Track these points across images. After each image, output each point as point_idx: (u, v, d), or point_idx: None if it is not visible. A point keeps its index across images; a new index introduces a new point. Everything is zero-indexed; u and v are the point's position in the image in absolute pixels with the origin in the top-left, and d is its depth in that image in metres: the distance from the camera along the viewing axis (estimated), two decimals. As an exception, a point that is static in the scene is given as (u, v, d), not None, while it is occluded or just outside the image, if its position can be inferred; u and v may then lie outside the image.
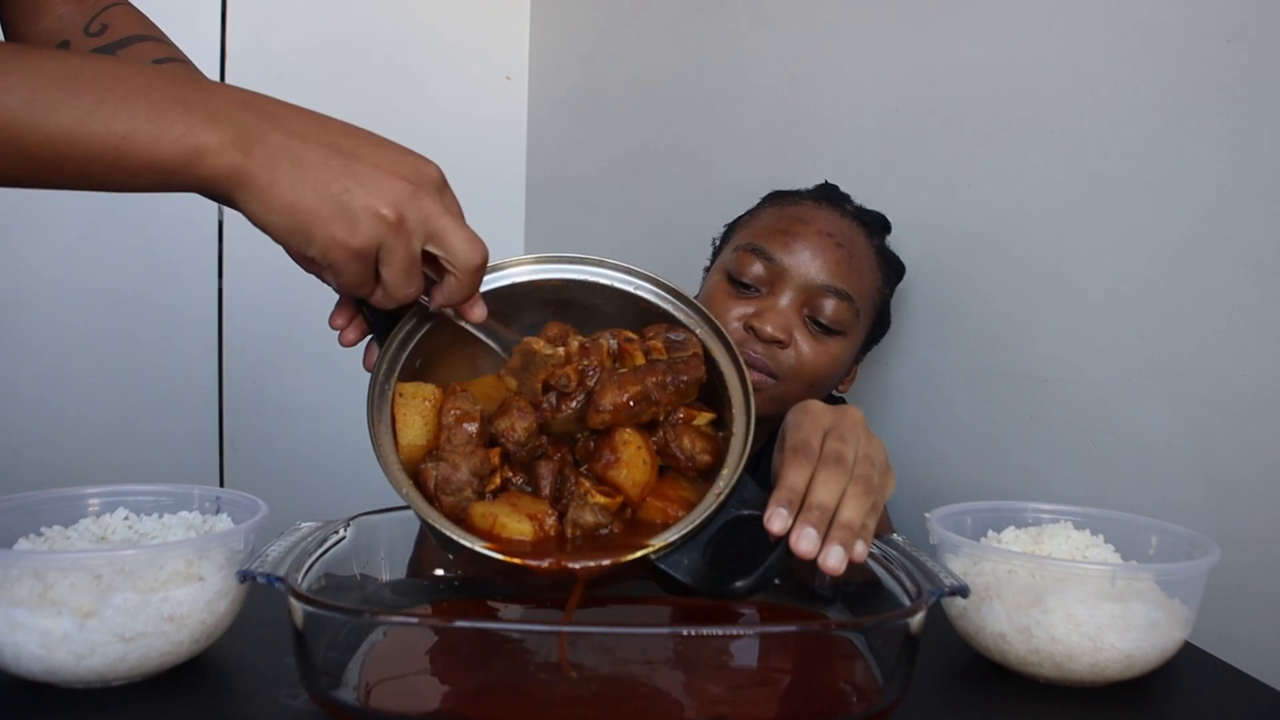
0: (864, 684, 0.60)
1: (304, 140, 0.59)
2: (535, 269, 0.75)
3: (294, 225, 0.58)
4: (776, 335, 0.98)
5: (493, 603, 0.80)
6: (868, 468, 0.68)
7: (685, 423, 0.71)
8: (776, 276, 1.01)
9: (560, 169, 1.82)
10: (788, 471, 0.67)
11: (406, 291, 0.62)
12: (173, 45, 0.85)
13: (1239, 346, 0.86)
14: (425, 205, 0.60)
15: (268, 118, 0.59)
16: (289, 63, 1.69)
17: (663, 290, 0.74)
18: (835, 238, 1.02)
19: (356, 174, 0.59)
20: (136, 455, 1.66)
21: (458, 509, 0.65)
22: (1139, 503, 0.92)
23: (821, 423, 0.70)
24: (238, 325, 1.69)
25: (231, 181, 0.57)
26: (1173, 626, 0.69)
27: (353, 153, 0.60)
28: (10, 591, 0.62)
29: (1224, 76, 0.86)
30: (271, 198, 0.57)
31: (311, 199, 0.58)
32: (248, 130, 0.57)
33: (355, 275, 0.60)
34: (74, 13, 0.83)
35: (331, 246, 0.58)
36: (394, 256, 0.60)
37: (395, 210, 0.59)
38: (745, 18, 1.42)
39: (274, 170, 0.57)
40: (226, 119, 0.57)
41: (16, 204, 1.55)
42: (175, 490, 0.77)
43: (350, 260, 0.59)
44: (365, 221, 0.58)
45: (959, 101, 1.11)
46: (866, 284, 1.04)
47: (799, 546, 0.63)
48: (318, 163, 0.58)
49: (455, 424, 0.67)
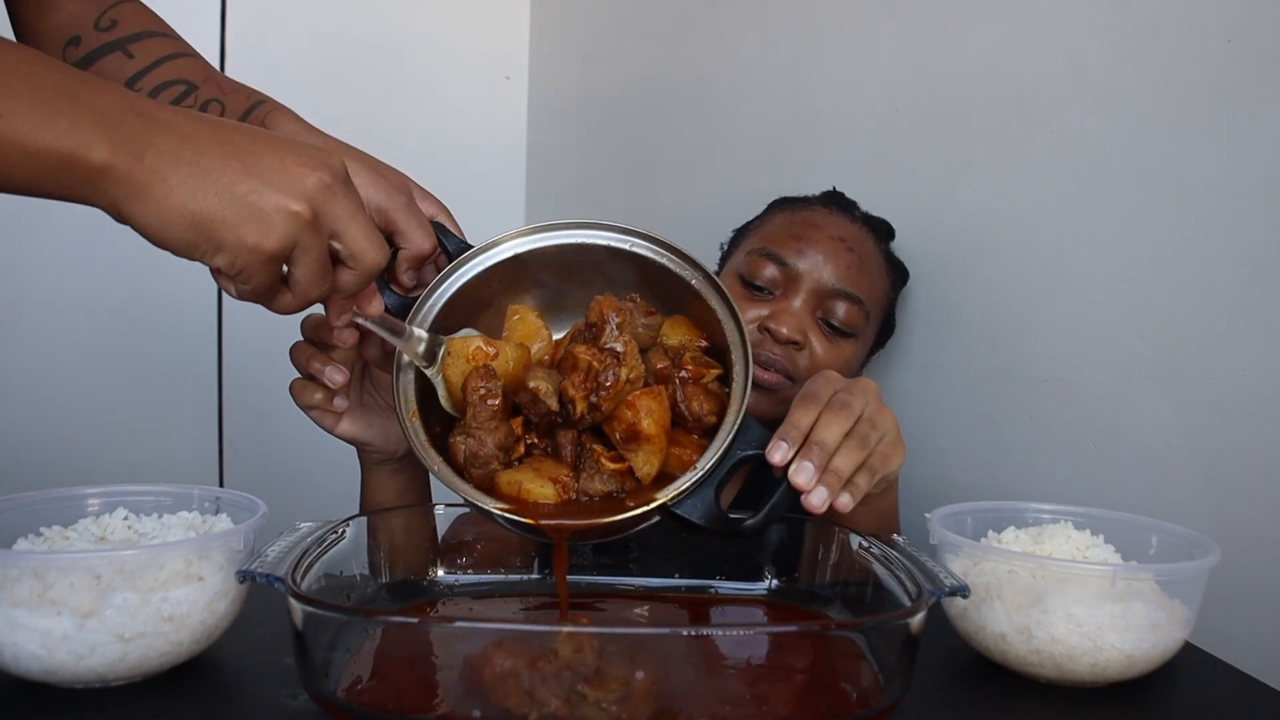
0: (864, 684, 0.60)
1: (198, 143, 0.54)
2: (534, 238, 0.76)
3: (198, 235, 0.54)
4: (793, 336, 0.99)
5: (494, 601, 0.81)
6: (868, 429, 0.73)
7: (694, 380, 0.73)
8: (790, 280, 1.02)
9: (560, 169, 1.82)
10: (794, 413, 0.72)
11: (319, 291, 0.59)
12: (183, 41, 0.85)
13: (1239, 346, 0.86)
14: (336, 199, 0.57)
15: (158, 123, 0.54)
16: (289, 63, 1.69)
17: (657, 245, 0.77)
18: (847, 242, 1.04)
19: (261, 172, 0.55)
20: (136, 455, 1.66)
21: (486, 480, 0.70)
22: (1139, 503, 0.92)
23: (834, 383, 0.76)
24: (238, 325, 1.69)
25: (120, 189, 0.52)
26: (1173, 627, 0.69)
27: (251, 151, 0.56)
28: (10, 591, 0.62)
29: (1224, 76, 0.86)
30: (169, 207, 0.53)
31: (216, 204, 0.54)
32: (138, 134, 0.53)
33: (264, 280, 0.57)
34: (84, 9, 0.83)
35: (242, 252, 0.55)
36: (308, 256, 0.57)
37: (309, 205, 0.56)
38: (745, 18, 1.42)
39: (170, 177, 0.53)
40: (115, 120, 0.52)
41: (17, 204, 1.55)
42: (175, 490, 0.77)
43: (262, 265, 0.56)
44: (278, 221, 0.55)
45: (959, 101, 1.11)
46: (876, 288, 1.06)
47: (795, 478, 0.69)
48: (217, 165, 0.54)
49: (480, 401, 0.70)
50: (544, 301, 0.81)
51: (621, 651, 0.57)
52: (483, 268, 0.76)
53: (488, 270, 0.76)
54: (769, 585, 0.81)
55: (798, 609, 0.79)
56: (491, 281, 0.77)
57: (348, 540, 0.73)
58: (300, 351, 0.80)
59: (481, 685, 0.57)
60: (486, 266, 0.76)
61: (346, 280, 0.61)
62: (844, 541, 0.75)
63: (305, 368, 0.80)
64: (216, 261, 0.55)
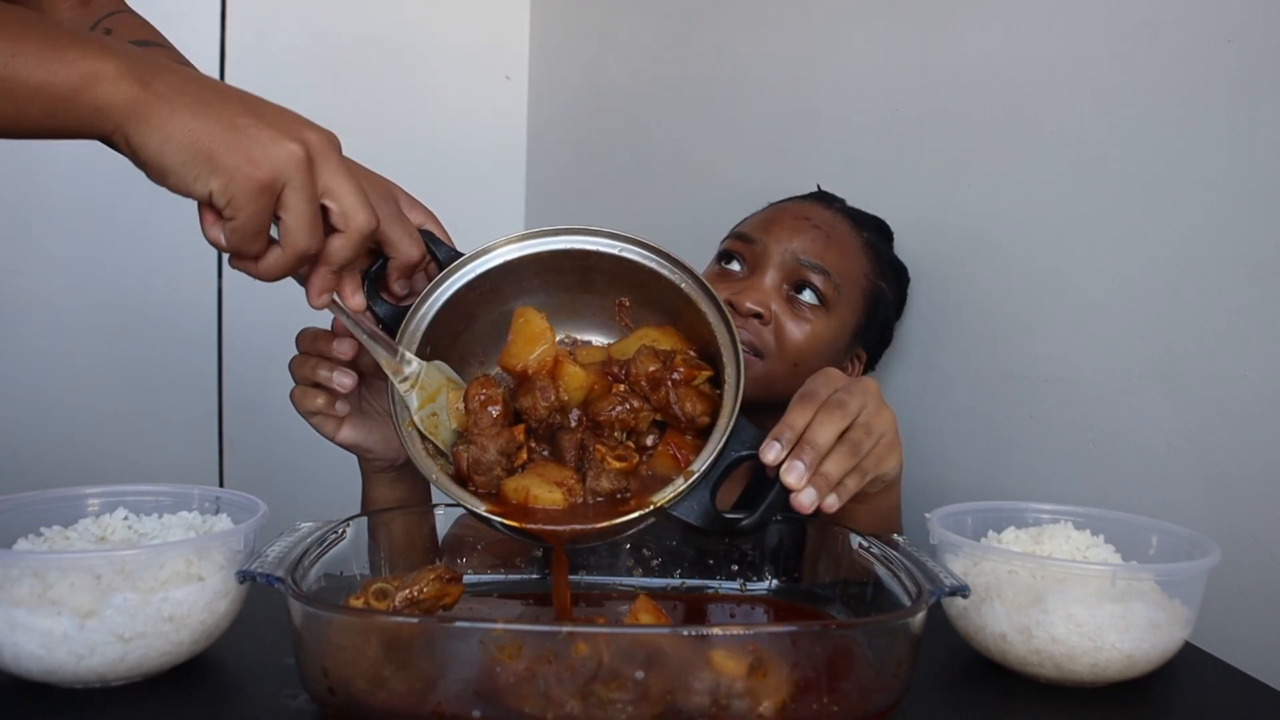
0: (864, 684, 0.60)
1: (201, 83, 0.57)
2: (524, 245, 0.76)
3: (196, 153, 0.55)
4: (755, 309, 1.00)
5: (495, 600, 0.81)
6: (862, 434, 0.73)
7: (686, 382, 0.74)
8: (758, 258, 1.04)
9: (560, 169, 1.82)
10: (790, 412, 0.73)
11: (306, 244, 0.60)
12: (176, 51, 0.85)
13: (1239, 346, 0.86)
14: (332, 156, 0.59)
15: (165, 67, 0.57)
16: (289, 63, 1.69)
17: (648, 251, 0.77)
18: (812, 220, 1.05)
19: (262, 113, 0.57)
20: (136, 455, 1.66)
21: (490, 487, 0.71)
22: (1139, 503, 0.92)
23: (834, 382, 0.76)
24: (237, 325, 1.69)
25: (127, 110, 0.54)
26: (1173, 627, 0.69)
27: (254, 100, 0.59)
28: (10, 591, 0.62)
29: (1224, 76, 0.86)
30: (172, 127, 0.55)
31: (215, 128, 0.55)
32: (146, 66, 0.55)
33: (253, 216, 0.57)
34: (78, 17, 0.83)
35: (236, 176, 0.56)
36: (299, 197, 0.58)
37: (304, 148, 0.57)
38: (745, 18, 1.42)
39: (174, 100, 0.55)
40: (123, 54, 0.55)
41: (18, 204, 1.55)
42: (175, 490, 0.77)
43: (252, 195, 0.57)
44: (274, 151, 0.56)
45: (959, 101, 1.11)
46: (849, 266, 1.05)
47: (785, 478, 0.69)
48: (219, 100, 0.57)
49: (480, 408, 0.71)
50: (535, 307, 0.81)
51: (621, 651, 0.57)
52: (473, 275, 0.76)
53: (479, 278, 0.76)
54: (769, 585, 0.81)
55: (798, 608, 0.79)
56: (483, 289, 0.77)
57: (348, 540, 0.73)
58: (303, 363, 0.80)
59: (482, 686, 0.57)
60: (477, 274, 0.76)
61: (335, 246, 0.61)
62: (844, 541, 0.75)
63: (311, 376, 0.79)
64: (210, 185, 0.56)
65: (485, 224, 0.78)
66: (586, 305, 0.81)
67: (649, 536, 0.81)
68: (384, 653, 0.59)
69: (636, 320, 0.81)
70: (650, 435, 0.75)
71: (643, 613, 0.67)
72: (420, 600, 0.65)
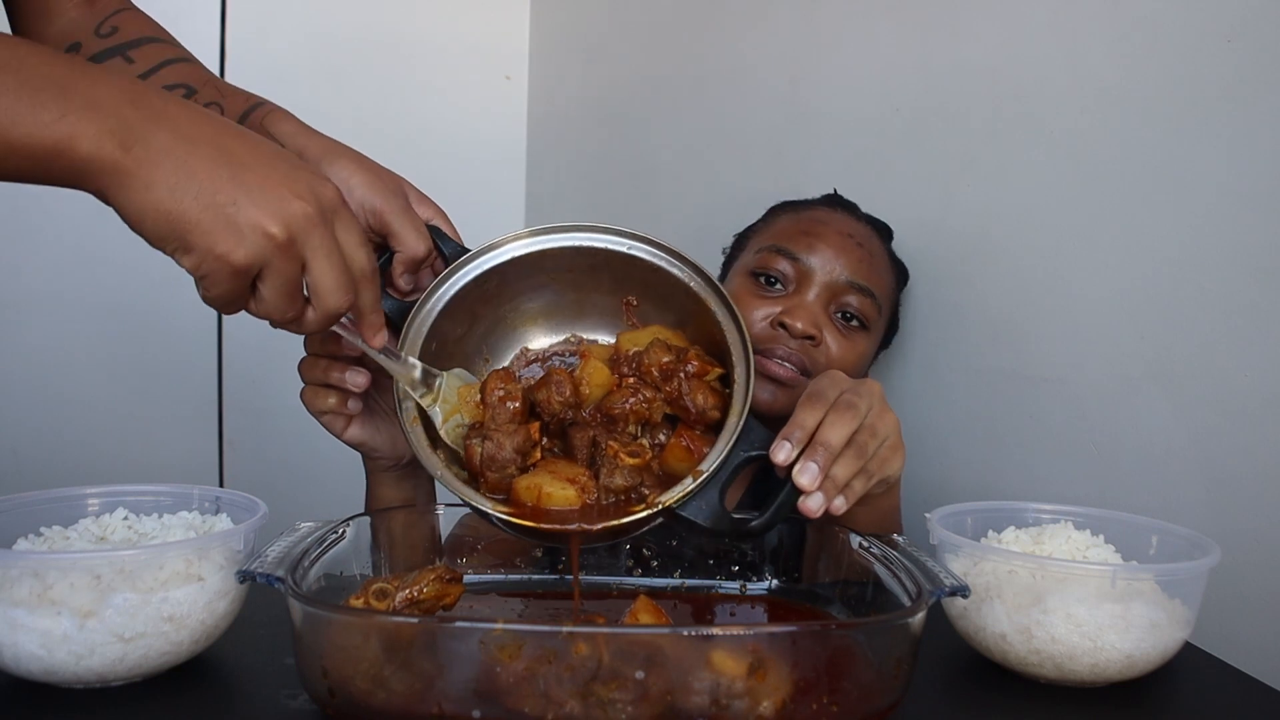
0: (864, 684, 0.60)
1: (192, 143, 0.55)
2: (531, 242, 0.76)
3: (170, 233, 0.54)
4: (808, 330, 0.99)
5: (496, 599, 0.81)
6: (868, 437, 0.73)
7: (698, 376, 0.73)
8: (801, 276, 1.02)
9: (560, 168, 1.82)
10: (799, 412, 0.72)
11: (283, 315, 0.60)
12: (182, 48, 0.85)
13: (1239, 346, 0.86)
14: (315, 232, 0.57)
15: (156, 116, 0.54)
16: (289, 63, 1.69)
17: (656, 248, 0.77)
18: (855, 238, 1.05)
19: (246, 185, 0.55)
20: (136, 455, 1.66)
21: (503, 484, 0.70)
22: (1139, 503, 0.92)
23: (840, 383, 0.76)
24: (238, 325, 1.69)
25: (104, 178, 0.53)
26: (1173, 627, 0.69)
27: (245, 161, 0.56)
28: (10, 591, 0.62)
29: (1224, 76, 0.86)
30: (146, 202, 0.53)
31: (193, 207, 0.54)
32: (130, 125, 0.53)
33: (229, 291, 0.57)
34: (84, 16, 0.83)
35: (209, 259, 0.55)
36: (277, 278, 0.57)
37: (286, 230, 0.56)
38: (745, 18, 1.42)
39: (153, 171, 0.53)
40: (108, 110, 0.53)
41: (17, 204, 1.55)
42: (175, 490, 0.77)
43: (228, 277, 0.56)
44: (251, 238, 0.55)
45: (959, 101, 1.11)
46: (885, 283, 1.06)
47: (799, 479, 0.69)
48: (204, 170, 0.54)
49: (499, 403, 0.71)
50: (541, 305, 0.81)
51: (621, 651, 0.57)
52: (479, 272, 0.76)
53: (485, 274, 0.76)
54: (770, 585, 0.81)
55: (798, 608, 0.79)
56: (489, 286, 0.77)
57: (348, 540, 0.73)
58: (314, 365, 0.79)
59: (482, 686, 0.57)
60: (483, 270, 0.76)
61: (307, 317, 0.61)
62: (844, 541, 0.76)
63: (323, 378, 0.79)
64: (184, 262, 0.56)
65: (485, 224, 0.78)
66: (593, 304, 0.81)
67: (649, 536, 0.81)
68: (384, 653, 0.58)
69: (644, 319, 0.81)
70: (661, 431, 0.75)
71: (643, 613, 0.67)
72: (420, 600, 0.65)
